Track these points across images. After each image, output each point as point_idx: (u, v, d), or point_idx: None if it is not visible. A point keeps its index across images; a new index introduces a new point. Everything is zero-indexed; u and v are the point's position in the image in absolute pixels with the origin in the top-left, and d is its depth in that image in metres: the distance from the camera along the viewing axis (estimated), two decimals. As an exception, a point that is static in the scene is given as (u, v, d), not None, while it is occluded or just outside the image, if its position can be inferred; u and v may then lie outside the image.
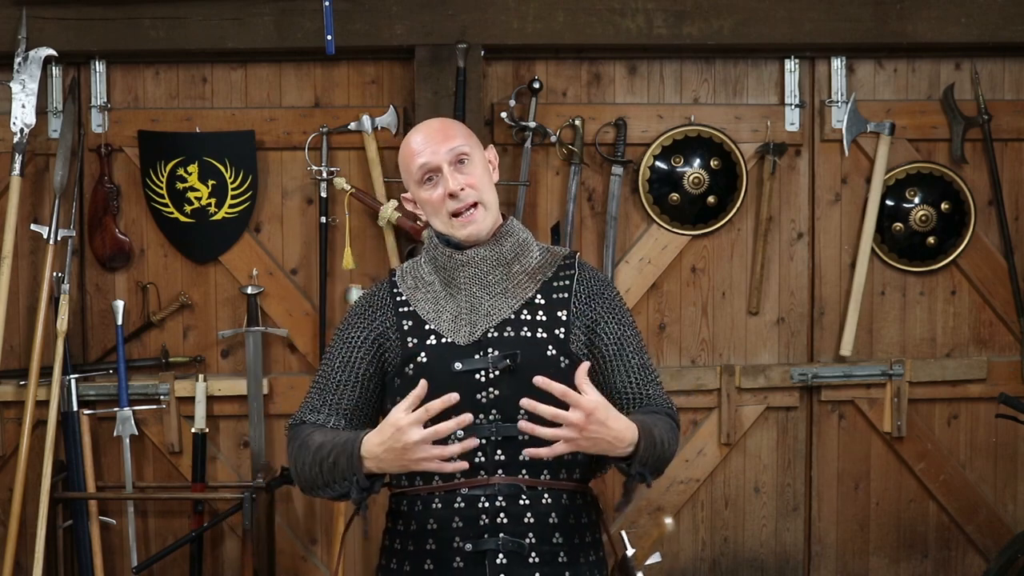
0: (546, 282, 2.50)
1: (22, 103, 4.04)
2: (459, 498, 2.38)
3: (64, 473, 4.13)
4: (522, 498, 2.38)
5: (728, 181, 4.34)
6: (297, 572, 4.34)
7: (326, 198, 4.24)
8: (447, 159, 2.44)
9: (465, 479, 2.38)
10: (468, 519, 2.38)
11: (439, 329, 2.45)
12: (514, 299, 2.47)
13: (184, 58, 4.23)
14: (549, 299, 2.48)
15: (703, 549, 4.44)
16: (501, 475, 2.38)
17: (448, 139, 2.46)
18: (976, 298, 4.47)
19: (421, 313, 2.48)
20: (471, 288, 2.47)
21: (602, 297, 2.52)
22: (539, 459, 2.27)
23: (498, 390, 2.40)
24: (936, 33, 4.23)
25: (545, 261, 2.54)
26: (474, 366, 2.40)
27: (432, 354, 2.43)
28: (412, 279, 2.55)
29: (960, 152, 4.38)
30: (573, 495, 2.45)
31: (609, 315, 2.51)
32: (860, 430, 4.44)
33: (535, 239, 2.58)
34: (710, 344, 4.42)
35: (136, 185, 4.25)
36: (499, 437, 2.38)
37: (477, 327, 2.44)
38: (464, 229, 2.45)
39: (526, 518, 2.38)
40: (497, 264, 2.48)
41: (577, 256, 2.57)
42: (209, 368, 4.31)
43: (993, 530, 4.45)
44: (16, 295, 4.20)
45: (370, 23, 4.11)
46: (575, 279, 2.52)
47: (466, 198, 2.44)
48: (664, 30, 4.17)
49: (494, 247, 2.48)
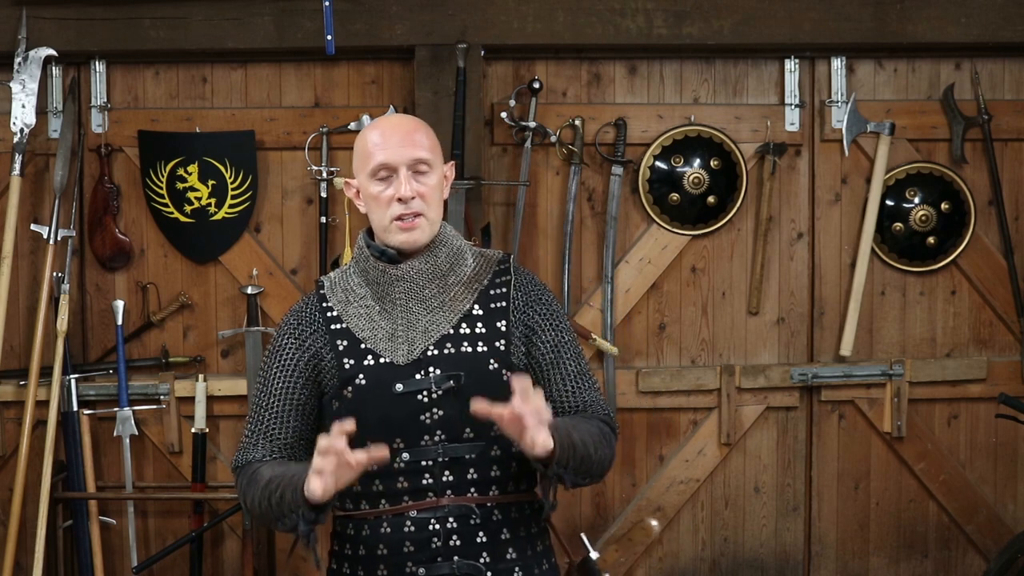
0: (482, 291, 2.44)
1: (22, 103, 4.04)
2: (408, 521, 2.34)
3: (64, 473, 4.13)
4: (473, 518, 2.34)
5: (728, 181, 4.34)
6: (297, 572, 4.34)
7: (326, 198, 4.24)
8: (407, 163, 2.38)
9: (413, 502, 2.34)
10: (419, 543, 2.33)
11: (376, 349, 2.39)
12: (452, 312, 2.41)
13: (184, 58, 4.23)
14: (487, 309, 2.43)
15: (703, 549, 4.44)
16: (450, 496, 2.34)
17: (414, 145, 2.39)
18: (976, 298, 4.47)
19: (355, 331, 2.41)
20: (407, 304, 2.40)
21: (539, 303, 2.47)
22: (485, 418, 2.18)
23: (442, 410, 2.35)
24: (936, 33, 4.23)
25: (480, 268, 2.47)
26: (416, 387, 2.35)
27: (371, 376, 2.37)
28: (342, 291, 2.46)
29: (960, 152, 4.38)
30: (522, 506, 2.42)
31: (546, 321, 2.46)
32: (860, 430, 4.43)
33: (468, 244, 2.52)
34: (710, 344, 4.42)
35: (136, 185, 4.25)
36: (446, 458, 2.34)
37: (416, 345, 2.38)
38: (401, 235, 2.38)
39: (479, 538, 2.35)
40: (432, 277, 2.41)
41: (511, 259, 2.52)
42: (209, 368, 4.31)
43: (993, 530, 4.45)
44: (16, 295, 4.20)
45: (370, 23, 4.11)
46: (512, 285, 2.46)
47: (413, 207, 2.37)
48: (664, 30, 4.17)
49: (428, 258, 2.41)
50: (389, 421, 2.34)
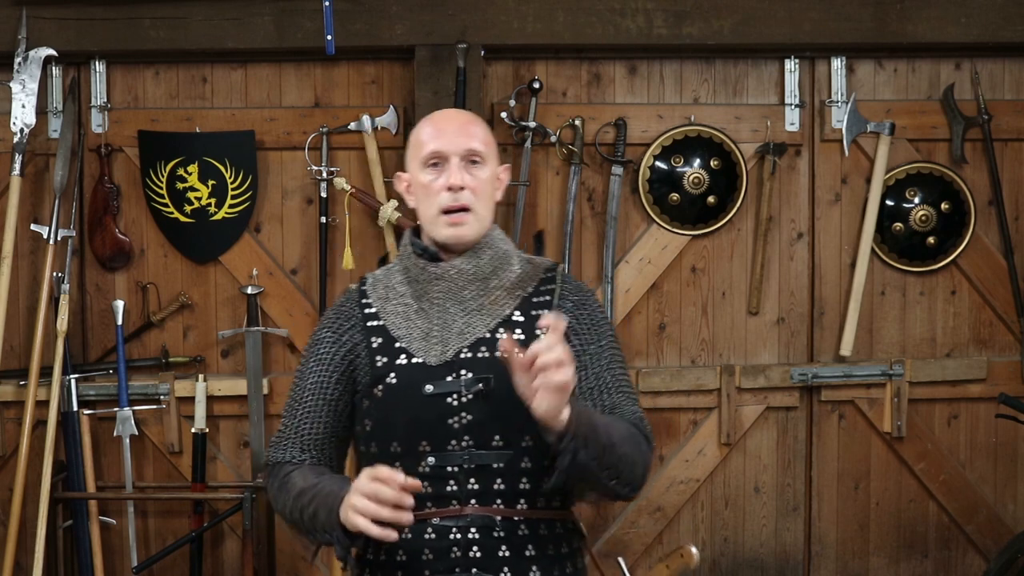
0: (525, 298, 2.37)
1: (22, 103, 4.04)
2: (429, 528, 2.25)
3: (64, 473, 4.13)
4: (496, 530, 2.25)
5: (728, 181, 4.34)
6: (297, 572, 4.34)
7: (326, 198, 4.24)
8: (459, 152, 2.32)
9: (436, 508, 2.25)
10: (439, 551, 2.24)
11: (409, 348, 2.32)
12: (490, 316, 2.33)
13: (184, 58, 4.23)
14: (528, 316, 2.34)
15: (703, 549, 4.43)
16: (474, 505, 2.25)
17: (470, 136, 2.34)
18: (976, 298, 4.47)
19: (391, 328, 2.36)
20: (444, 304, 2.34)
21: (582, 308, 2.39)
22: (506, 354, 2.07)
23: (471, 415, 2.26)
24: (936, 33, 4.23)
25: (526, 274, 2.40)
26: (446, 389, 2.27)
27: (402, 375, 2.30)
28: (384, 288, 2.43)
29: (960, 152, 4.38)
30: (552, 524, 2.31)
31: (585, 327, 2.37)
32: (860, 430, 4.43)
33: (516, 250, 2.45)
34: (710, 344, 4.41)
35: (136, 185, 4.25)
36: (472, 465, 2.25)
37: (449, 346, 2.31)
38: (448, 229, 2.32)
39: (500, 552, 2.25)
40: (473, 279, 2.34)
41: (560, 269, 2.45)
42: (209, 368, 4.31)
43: (993, 530, 4.45)
44: (16, 295, 4.20)
45: (370, 23, 4.11)
46: (556, 294, 2.38)
47: (462, 198, 2.31)
48: (664, 30, 4.17)
49: (471, 259, 2.35)
50: (417, 423, 2.27)
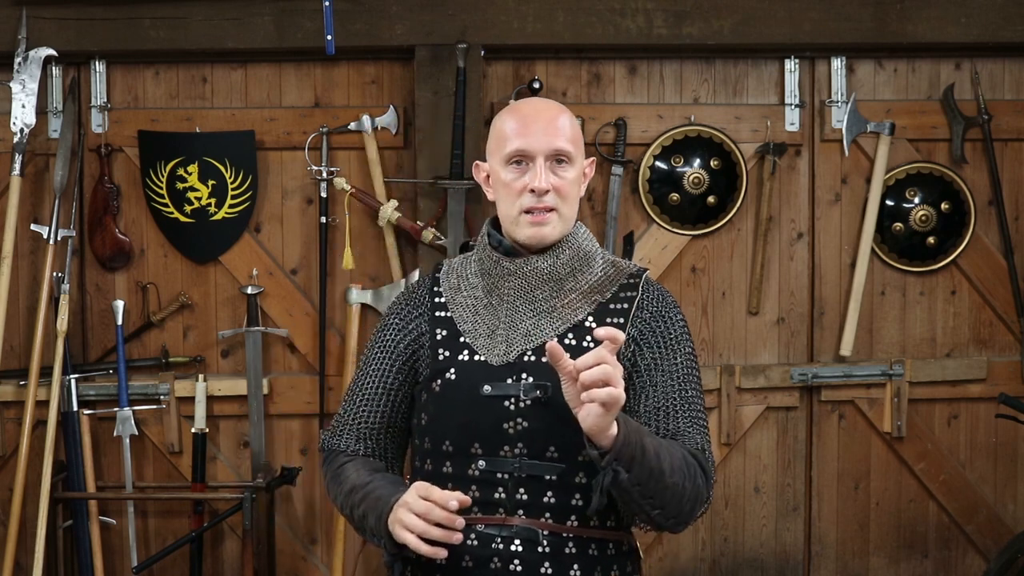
0: (602, 303, 2.23)
1: (22, 103, 4.04)
2: (473, 534, 2.14)
3: (64, 473, 4.13)
4: (542, 544, 2.13)
5: (728, 181, 4.34)
6: (297, 572, 4.34)
7: (326, 198, 4.24)
8: (546, 152, 2.18)
9: (482, 515, 2.15)
10: (480, 559, 2.14)
11: (473, 344, 2.22)
12: (561, 320, 2.21)
13: (184, 58, 4.23)
14: (601, 323, 2.19)
15: (703, 549, 4.44)
16: (521, 516, 2.13)
17: (556, 135, 2.19)
18: (976, 298, 4.47)
19: (457, 321, 2.25)
20: (514, 302, 2.23)
21: (660, 319, 2.23)
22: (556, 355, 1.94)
23: (527, 422, 2.14)
24: (936, 33, 4.23)
25: (607, 278, 2.25)
26: (504, 391, 2.16)
27: (461, 372, 2.21)
28: (456, 278, 2.31)
29: (960, 152, 4.38)
30: (604, 545, 2.18)
31: (658, 338, 2.22)
32: (860, 430, 4.43)
33: (602, 250, 2.31)
34: (710, 344, 4.41)
35: (136, 185, 4.25)
36: (523, 474, 2.14)
37: (513, 346, 2.20)
38: (529, 229, 2.19)
39: (543, 568, 2.13)
40: (548, 279, 2.22)
41: (645, 275, 2.28)
42: (209, 368, 4.31)
43: (993, 530, 4.45)
44: (16, 295, 4.20)
45: (370, 23, 4.11)
46: (635, 303, 2.23)
47: (547, 201, 2.18)
48: (664, 30, 4.17)
49: (548, 258, 2.22)
50: (471, 425, 2.18)
